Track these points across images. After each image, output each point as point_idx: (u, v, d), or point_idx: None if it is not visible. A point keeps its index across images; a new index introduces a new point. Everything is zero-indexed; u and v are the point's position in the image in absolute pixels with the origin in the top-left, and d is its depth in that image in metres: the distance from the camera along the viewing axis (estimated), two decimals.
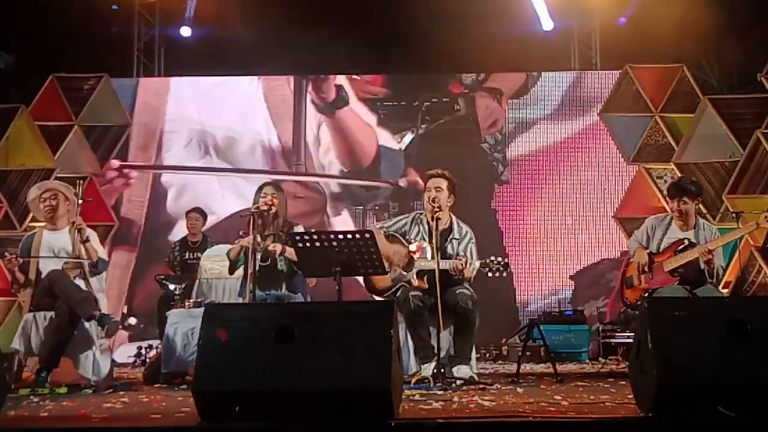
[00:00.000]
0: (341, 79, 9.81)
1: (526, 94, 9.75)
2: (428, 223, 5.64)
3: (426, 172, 5.82)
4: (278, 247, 5.73)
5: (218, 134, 9.75)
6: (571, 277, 9.51)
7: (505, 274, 5.47)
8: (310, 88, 9.79)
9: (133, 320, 8.77)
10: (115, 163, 9.67)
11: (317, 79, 9.82)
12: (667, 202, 5.98)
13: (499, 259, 5.46)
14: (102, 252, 6.04)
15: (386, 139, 9.59)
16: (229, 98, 9.85)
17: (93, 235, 6.01)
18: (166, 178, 9.77)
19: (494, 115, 9.69)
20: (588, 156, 9.70)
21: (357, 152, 9.53)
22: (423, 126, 9.34)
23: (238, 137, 9.69)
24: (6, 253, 5.89)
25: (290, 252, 5.69)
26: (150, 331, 8.57)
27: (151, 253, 9.44)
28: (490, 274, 5.48)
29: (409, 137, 9.01)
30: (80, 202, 6.01)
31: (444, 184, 5.61)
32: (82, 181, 6.26)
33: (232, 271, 5.95)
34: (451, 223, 5.68)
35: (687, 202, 5.79)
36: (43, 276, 5.78)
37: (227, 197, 9.50)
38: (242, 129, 9.73)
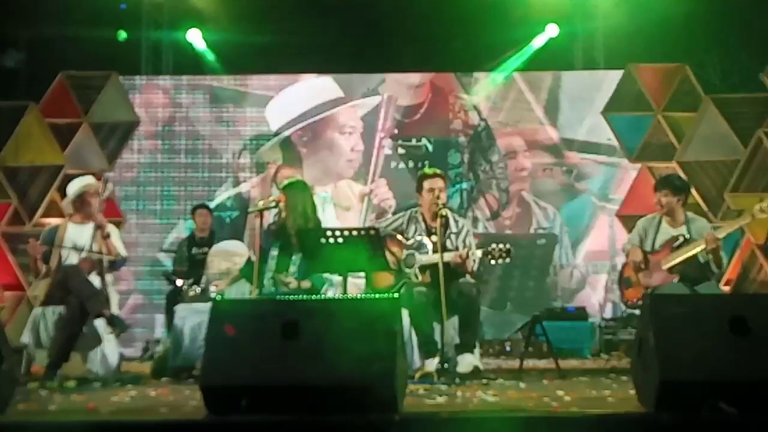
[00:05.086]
0: None
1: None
2: (424, 220, 5.71)
3: (420, 172, 5.85)
4: (294, 282, 5.66)
5: None
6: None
7: (508, 260, 5.46)
8: None
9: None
10: None
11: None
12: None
13: (501, 245, 5.46)
14: (122, 249, 6.07)
15: None
16: None
17: (114, 232, 6.07)
18: None
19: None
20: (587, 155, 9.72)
21: None
22: None
23: None
24: (31, 239, 5.91)
25: (305, 284, 5.66)
26: None
27: None
28: (493, 262, 5.50)
29: None
30: (103, 199, 6.08)
31: (442, 183, 5.68)
32: (104, 180, 6.32)
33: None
34: (447, 218, 5.67)
35: (669, 195, 5.79)
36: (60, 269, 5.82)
37: None
38: None
